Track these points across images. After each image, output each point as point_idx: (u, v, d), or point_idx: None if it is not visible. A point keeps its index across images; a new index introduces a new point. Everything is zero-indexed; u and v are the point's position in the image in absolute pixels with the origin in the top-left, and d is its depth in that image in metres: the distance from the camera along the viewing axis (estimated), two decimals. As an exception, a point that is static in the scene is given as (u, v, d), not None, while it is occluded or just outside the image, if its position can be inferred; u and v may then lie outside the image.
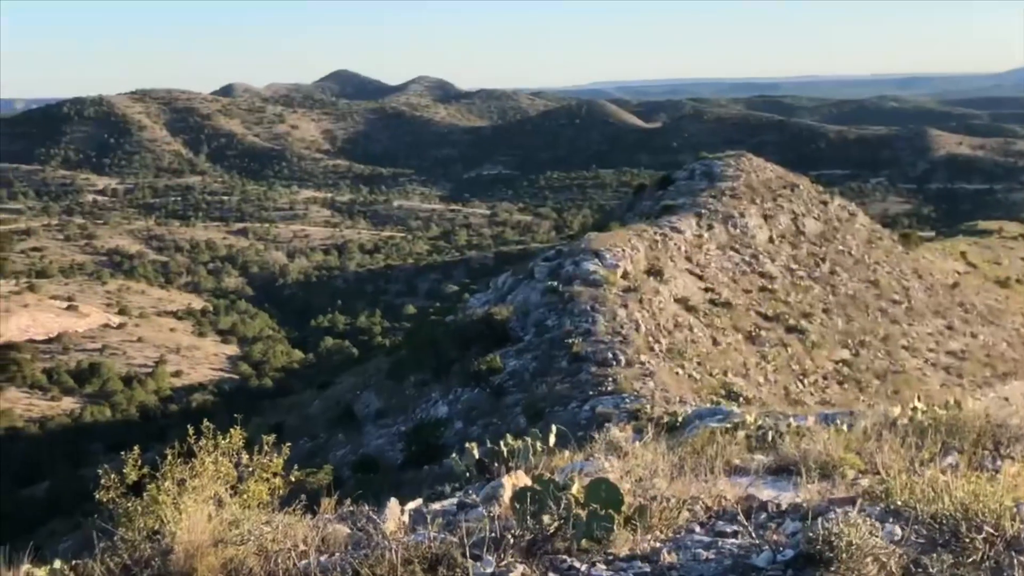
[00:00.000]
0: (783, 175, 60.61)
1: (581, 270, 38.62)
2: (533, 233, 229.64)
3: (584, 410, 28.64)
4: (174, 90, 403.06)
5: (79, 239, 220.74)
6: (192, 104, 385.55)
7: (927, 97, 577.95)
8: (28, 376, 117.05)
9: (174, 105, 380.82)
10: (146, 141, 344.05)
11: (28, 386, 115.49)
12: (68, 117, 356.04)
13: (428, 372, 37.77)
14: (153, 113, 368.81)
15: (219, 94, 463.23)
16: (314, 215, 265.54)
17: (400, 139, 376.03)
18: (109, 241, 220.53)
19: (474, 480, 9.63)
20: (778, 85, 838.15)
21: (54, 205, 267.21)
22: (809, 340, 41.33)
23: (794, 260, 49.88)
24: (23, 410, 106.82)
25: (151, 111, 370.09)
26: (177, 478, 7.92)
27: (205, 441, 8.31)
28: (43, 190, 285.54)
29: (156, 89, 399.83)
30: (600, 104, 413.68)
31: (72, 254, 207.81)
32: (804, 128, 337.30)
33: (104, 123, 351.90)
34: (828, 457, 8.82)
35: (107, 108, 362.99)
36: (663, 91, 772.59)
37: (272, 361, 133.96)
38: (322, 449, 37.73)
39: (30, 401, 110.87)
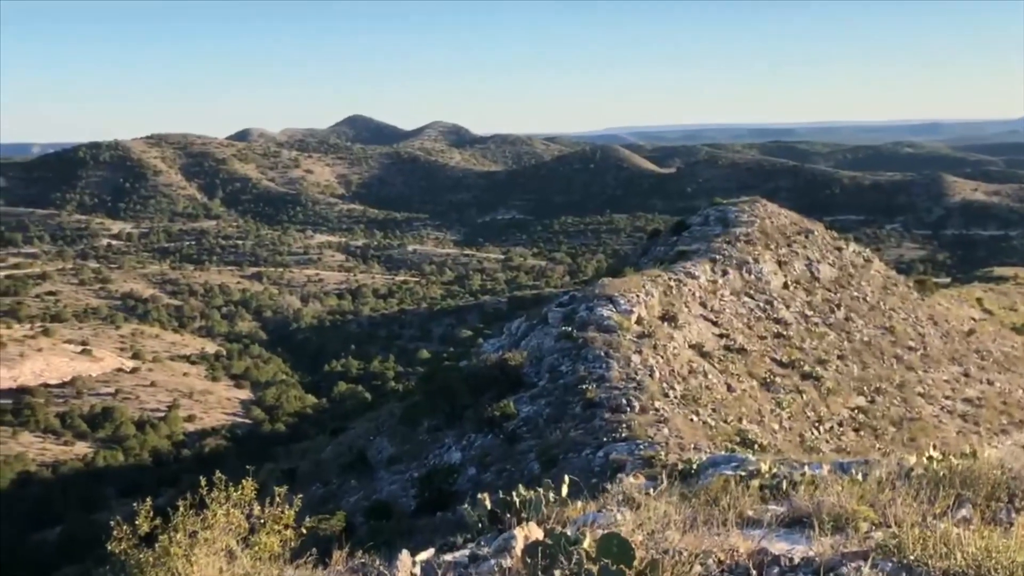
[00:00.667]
0: (797, 221, 60.58)
1: (595, 315, 38.60)
2: (547, 278, 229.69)
3: (598, 456, 28.51)
4: (190, 135, 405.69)
5: (93, 283, 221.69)
6: (207, 149, 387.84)
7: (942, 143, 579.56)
8: (41, 420, 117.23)
9: (189, 150, 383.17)
10: (161, 186, 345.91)
11: (41, 430, 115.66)
12: (84, 162, 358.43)
13: (441, 418, 37.70)
14: (169, 158, 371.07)
15: (234, 139, 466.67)
16: (328, 259, 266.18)
17: (414, 184, 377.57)
18: (123, 285, 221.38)
19: (486, 531, 9.61)
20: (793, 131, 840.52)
21: (69, 249, 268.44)
22: (824, 387, 41.15)
23: (809, 306, 49.76)
24: (36, 454, 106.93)
25: (167, 156, 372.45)
26: (189, 529, 7.93)
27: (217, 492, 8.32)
28: (58, 234, 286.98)
29: (172, 134, 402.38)
30: (614, 149, 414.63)
31: (86, 298, 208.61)
32: (819, 174, 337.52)
33: (120, 168, 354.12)
34: (842, 509, 8.79)
35: (123, 153, 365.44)
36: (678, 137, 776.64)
37: (285, 406, 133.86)
38: (335, 495, 37.59)
39: (43, 445, 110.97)
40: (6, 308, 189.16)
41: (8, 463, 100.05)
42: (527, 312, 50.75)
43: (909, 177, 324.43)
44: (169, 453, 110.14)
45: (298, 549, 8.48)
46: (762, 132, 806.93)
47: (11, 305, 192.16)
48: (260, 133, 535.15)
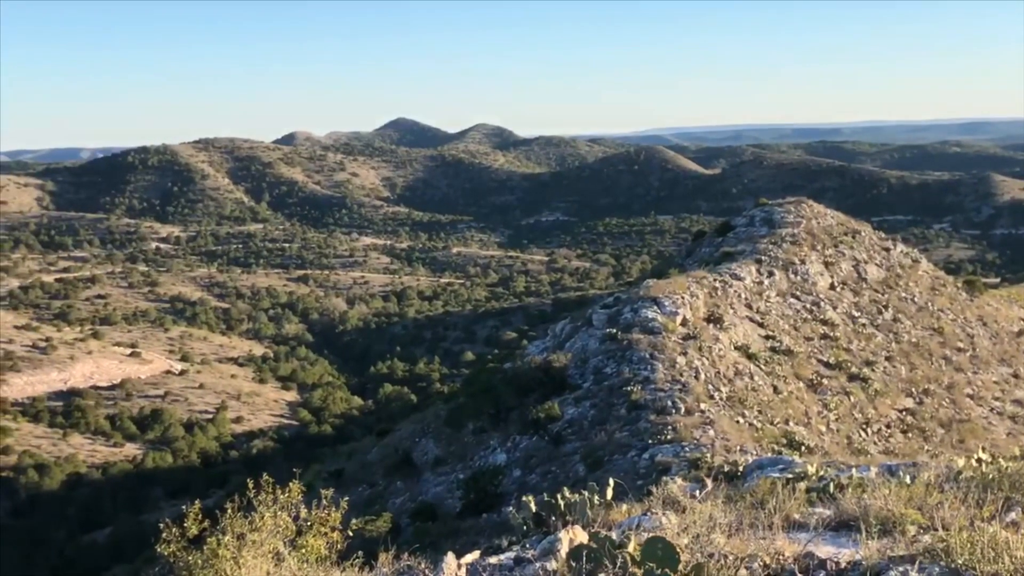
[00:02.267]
0: (844, 221, 60.06)
1: (640, 317, 38.46)
2: (591, 280, 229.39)
3: (643, 459, 28.42)
4: (237, 139, 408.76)
5: (142, 286, 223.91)
6: (254, 152, 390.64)
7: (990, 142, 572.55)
8: (91, 422, 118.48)
9: (237, 154, 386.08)
10: (209, 189, 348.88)
11: (91, 432, 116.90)
12: (133, 166, 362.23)
13: (486, 419, 37.70)
14: (216, 162, 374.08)
15: (281, 142, 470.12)
16: (373, 262, 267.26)
17: (459, 186, 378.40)
18: (172, 288, 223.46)
19: (531, 533, 9.61)
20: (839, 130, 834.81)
21: (118, 253, 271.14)
22: (872, 388, 40.76)
23: (856, 307, 49.33)
24: (86, 456, 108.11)
25: (214, 160, 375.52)
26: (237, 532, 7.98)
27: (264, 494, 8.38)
28: (108, 238, 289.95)
29: (219, 138, 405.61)
30: (658, 150, 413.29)
31: (135, 301, 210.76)
32: (865, 174, 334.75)
33: (168, 172, 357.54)
34: (889, 512, 8.71)
35: (171, 157, 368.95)
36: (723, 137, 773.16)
37: (331, 407, 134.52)
38: (380, 496, 37.70)
39: (93, 447, 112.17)
40: (57, 311, 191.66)
41: (59, 464, 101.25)
42: (571, 314, 50.66)
43: (957, 176, 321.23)
44: (217, 454, 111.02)
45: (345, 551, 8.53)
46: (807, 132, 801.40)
47: (62, 308, 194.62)
48: (306, 136, 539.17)
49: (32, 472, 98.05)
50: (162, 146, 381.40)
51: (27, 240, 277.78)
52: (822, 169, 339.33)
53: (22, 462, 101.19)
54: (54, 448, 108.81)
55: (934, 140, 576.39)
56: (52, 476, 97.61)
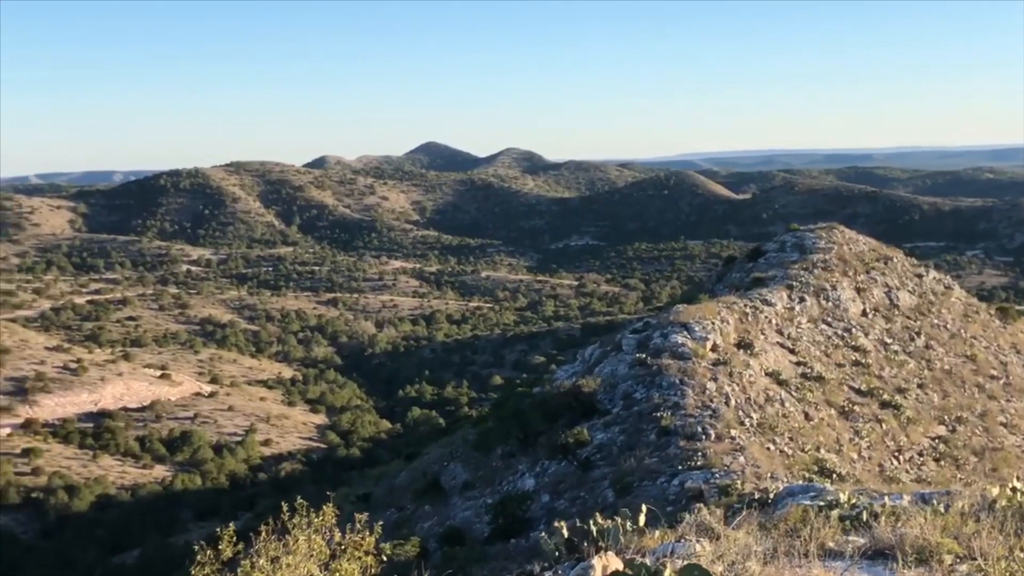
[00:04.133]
0: (876, 247, 59.78)
1: (669, 342, 38.32)
2: (620, 304, 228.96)
3: (673, 485, 28.27)
4: (268, 162, 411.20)
5: (173, 309, 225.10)
6: (285, 176, 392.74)
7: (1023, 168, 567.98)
8: (121, 444, 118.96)
9: (267, 177, 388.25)
10: (240, 212, 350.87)
11: (121, 453, 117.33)
12: (164, 189, 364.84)
13: (515, 444, 37.60)
14: (247, 185, 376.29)
15: (311, 166, 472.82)
16: (403, 285, 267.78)
17: (488, 210, 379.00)
18: (202, 310, 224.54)
19: (563, 559, 9.55)
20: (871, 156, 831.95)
21: (149, 275, 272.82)
22: (904, 416, 40.43)
23: (888, 334, 49.01)
24: (116, 477, 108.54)
25: (245, 183, 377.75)
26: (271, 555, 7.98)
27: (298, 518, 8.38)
28: (139, 260, 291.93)
29: (250, 161, 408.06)
30: (688, 175, 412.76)
31: (166, 323, 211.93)
32: (897, 200, 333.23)
33: (199, 195, 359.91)
34: (925, 541, 8.63)
35: (202, 180, 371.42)
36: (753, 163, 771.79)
37: (360, 431, 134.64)
38: (408, 521, 37.65)
39: (123, 468, 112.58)
40: (88, 333, 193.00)
41: (88, 486, 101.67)
42: (600, 338, 50.56)
43: (990, 203, 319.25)
44: (246, 477, 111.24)
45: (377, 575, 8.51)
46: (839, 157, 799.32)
47: (93, 330, 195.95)
48: (336, 160, 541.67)
49: (62, 493, 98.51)
50: (194, 169, 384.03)
51: (59, 262, 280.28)
52: (853, 195, 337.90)
53: (52, 483, 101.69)
54: (84, 469, 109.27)
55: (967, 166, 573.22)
56: (82, 497, 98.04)
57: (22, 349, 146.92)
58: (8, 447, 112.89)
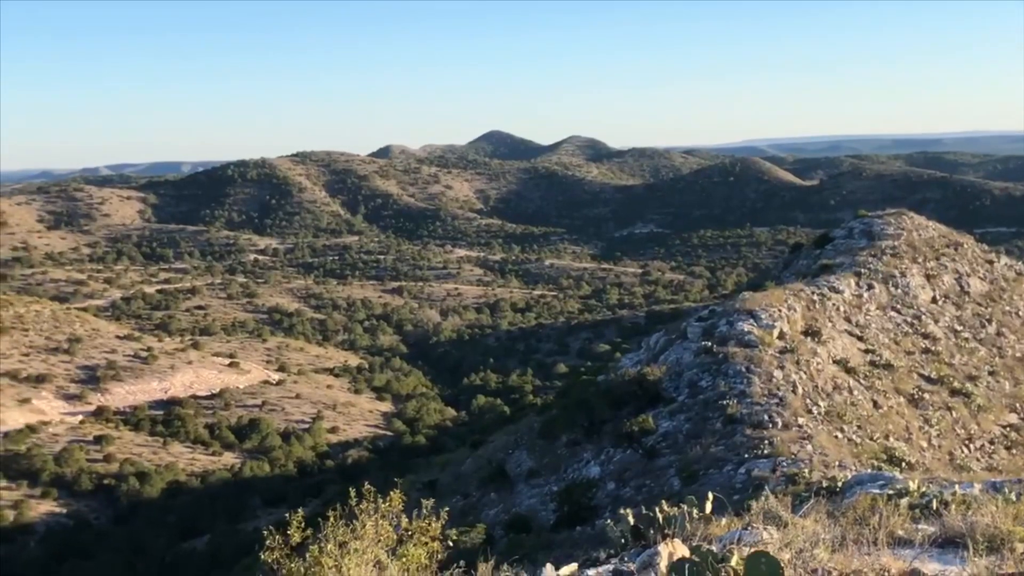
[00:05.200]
0: (946, 233, 58.99)
1: (736, 330, 38.12)
2: (685, 292, 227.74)
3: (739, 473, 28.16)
4: (333, 152, 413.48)
5: (241, 297, 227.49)
6: (350, 166, 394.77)
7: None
8: (191, 431, 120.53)
9: (333, 167, 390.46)
10: (306, 202, 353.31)
11: (191, 441, 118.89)
12: (232, 179, 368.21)
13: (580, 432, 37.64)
14: (313, 175, 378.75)
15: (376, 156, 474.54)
16: (467, 274, 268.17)
17: (552, 198, 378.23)
18: (269, 299, 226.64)
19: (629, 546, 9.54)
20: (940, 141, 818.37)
21: (217, 265, 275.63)
22: (975, 403, 39.91)
23: (958, 321, 48.36)
24: (186, 464, 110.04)
25: (311, 173, 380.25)
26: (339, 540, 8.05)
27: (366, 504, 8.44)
28: (207, 250, 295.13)
29: (316, 151, 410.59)
30: (754, 161, 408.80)
31: (234, 312, 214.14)
32: (967, 185, 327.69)
33: (266, 185, 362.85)
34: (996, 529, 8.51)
35: (269, 170, 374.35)
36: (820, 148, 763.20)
37: (425, 418, 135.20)
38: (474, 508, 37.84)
39: (192, 456, 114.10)
40: (158, 321, 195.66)
41: (159, 472, 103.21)
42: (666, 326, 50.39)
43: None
44: (313, 464, 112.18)
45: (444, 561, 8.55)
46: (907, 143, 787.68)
47: (162, 319, 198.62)
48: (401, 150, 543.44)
49: (133, 480, 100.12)
50: (260, 160, 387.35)
51: (129, 252, 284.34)
52: (923, 180, 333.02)
53: (123, 470, 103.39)
54: (154, 456, 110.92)
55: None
56: (152, 484, 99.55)
57: (94, 338, 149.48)
58: (81, 434, 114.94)
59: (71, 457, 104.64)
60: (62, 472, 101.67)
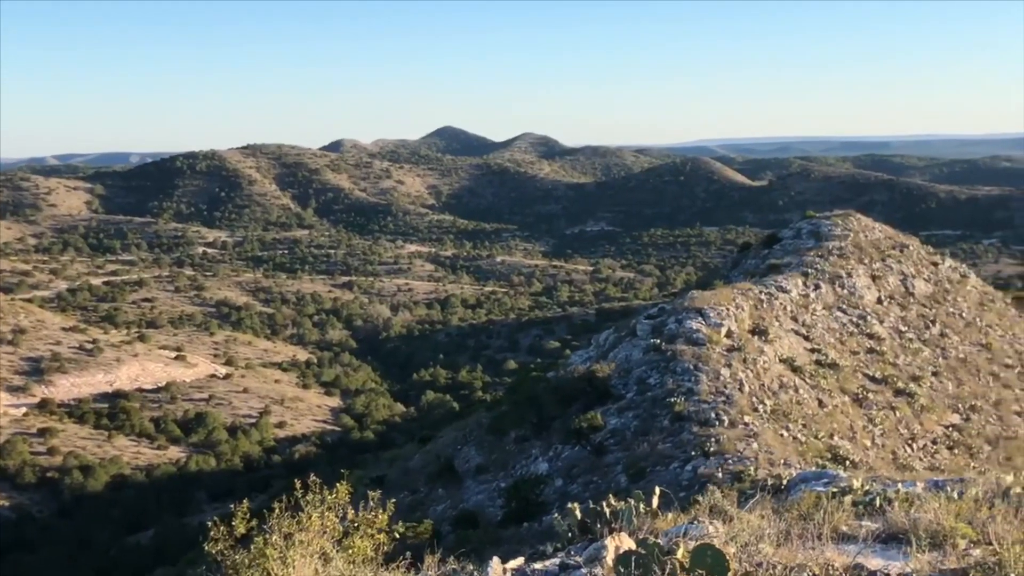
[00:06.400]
0: (892, 235, 59.57)
1: (684, 328, 38.29)
2: (635, 290, 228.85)
3: (686, 470, 28.32)
4: (284, 145, 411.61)
5: (188, 290, 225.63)
6: (301, 159, 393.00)
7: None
8: (136, 424, 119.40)
9: (284, 160, 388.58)
10: (256, 195, 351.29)
11: (136, 434, 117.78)
12: (181, 171, 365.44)
13: (529, 428, 37.66)
14: (263, 168, 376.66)
15: (327, 149, 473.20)
16: (418, 269, 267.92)
17: (504, 195, 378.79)
18: (218, 293, 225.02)
19: (576, 540, 9.58)
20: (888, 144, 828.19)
21: (165, 257, 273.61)
22: (918, 403, 40.34)
23: (903, 322, 48.86)
24: (131, 458, 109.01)
25: (261, 166, 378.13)
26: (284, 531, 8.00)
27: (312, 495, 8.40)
28: (155, 242, 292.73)
29: (267, 144, 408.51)
30: (705, 161, 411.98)
31: (182, 305, 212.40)
32: (914, 188, 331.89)
33: (216, 177, 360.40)
34: (939, 526, 8.61)
35: (219, 162, 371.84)
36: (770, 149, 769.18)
37: (374, 414, 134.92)
38: (422, 503, 37.76)
39: (138, 449, 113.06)
40: (104, 314, 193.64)
41: (103, 466, 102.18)
42: (615, 324, 50.56)
43: (1007, 191, 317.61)
44: (260, 459, 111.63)
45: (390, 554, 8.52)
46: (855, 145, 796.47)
47: (109, 311, 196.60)
48: (353, 144, 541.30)
49: (77, 473, 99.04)
50: (210, 151, 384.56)
51: (76, 243, 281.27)
52: (870, 182, 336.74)
53: (67, 463, 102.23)
54: (99, 450, 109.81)
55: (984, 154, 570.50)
56: (97, 477, 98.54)
57: (39, 329, 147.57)
58: (24, 427, 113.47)
59: (14, 450, 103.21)
60: (5, 465, 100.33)
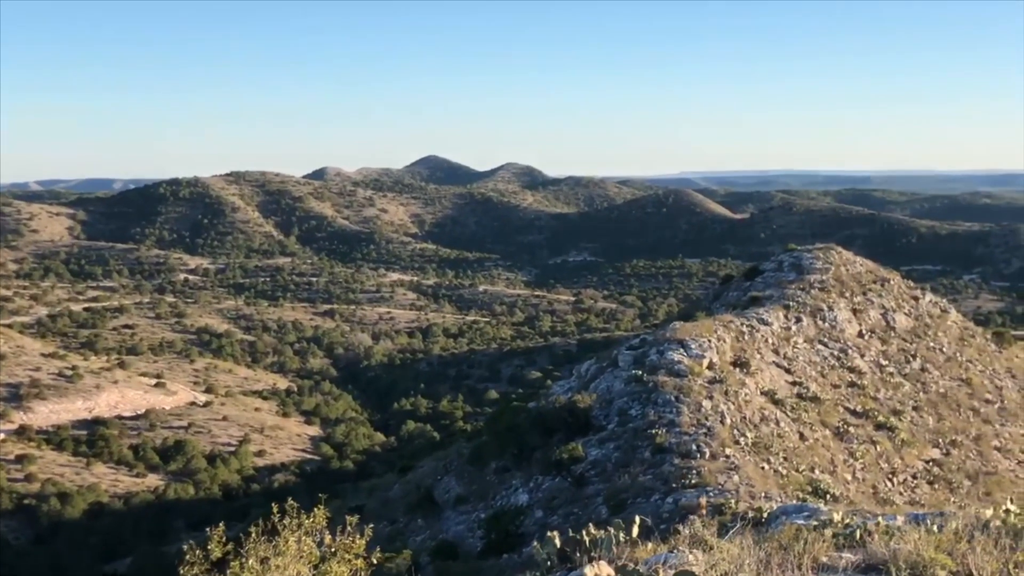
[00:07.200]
0: (873, 269, 59.77)
1: (666, 359, 38.29)
2: (617, 321, 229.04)
3: (667, 503, 28.26)
4: (268, 172, 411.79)
5: (169, 317, 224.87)
6: (285, 187, 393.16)
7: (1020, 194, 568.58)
8: (115, 452, 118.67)
9: (267, 187, 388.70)
10: (239, 222, 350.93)
11: (115, 462, 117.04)
12: (164, 197, 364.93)
13: (509, 459, 37.57)
14: (247, 195, 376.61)
15: (311, 177, 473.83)
16: (400, 298, 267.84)
17: (487, 224, 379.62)
18: (198, 320, 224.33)
19: (555, 569, 9.54)
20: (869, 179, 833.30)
21: (147, 284, 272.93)
22: (899, 438, 40.38)
23: (884, 356, 48.97)
24: (109, 485, 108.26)
25: (245, 193, 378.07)
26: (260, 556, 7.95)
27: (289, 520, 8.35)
28: (136, 268, 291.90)
29: (250, 171, 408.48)
30: (687, 193, 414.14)
31: (162, 332, 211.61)
32: (895, 222, 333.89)
33: (198, 204, 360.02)
34: (919, 557, 8.62)
35: (202, 189, 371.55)
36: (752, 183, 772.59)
37: (354, 443, 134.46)
38: (401, 534, 37.62)
39: (116, 476, 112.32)
40: (84, 340, 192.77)
41: (81, 493, 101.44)
42: (597, 354, 50.55)
43: (987, 228, 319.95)
44: (239, 487, 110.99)
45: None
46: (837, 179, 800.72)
47: (89, 337, 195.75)
48: (336, 172, 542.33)
49: (55, 500, 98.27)
50: (193, 178, 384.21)
51: (57, 269, 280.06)
52: (852, 217, 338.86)
53: (45, 490, 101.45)
54: (77, 477, 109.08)
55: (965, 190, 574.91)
56: (74, 505, 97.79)
57: (18, 355, 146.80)
58: (2, 453, 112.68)
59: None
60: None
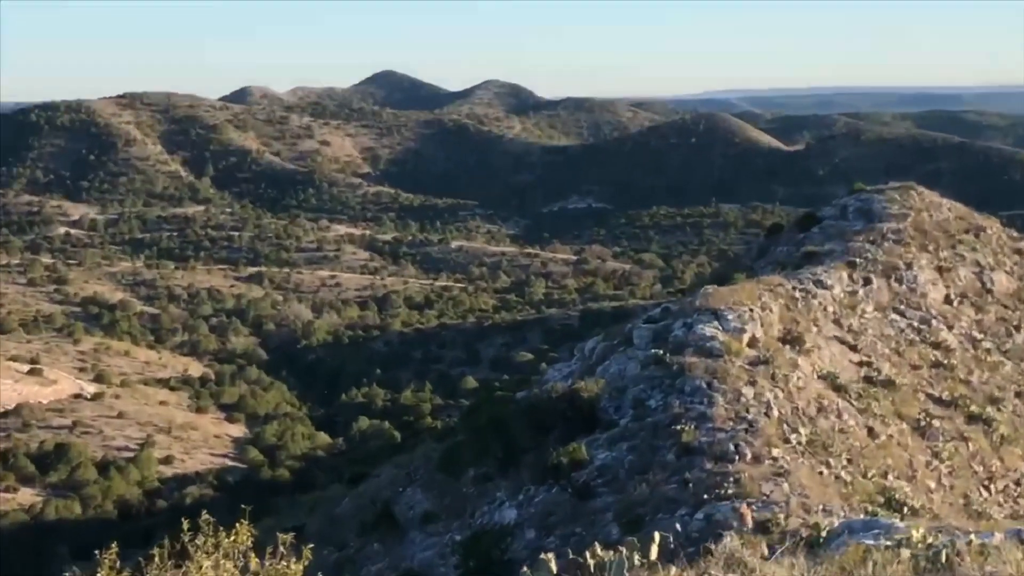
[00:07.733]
0: (965, 215, 59.90)
1: (695, 335, 38.36)
2: (632, 286, 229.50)
3: (696, 519, 28.40)
4: (174, 95, 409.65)
5: (46, 284, 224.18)
6: (195, 112, 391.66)
7: None
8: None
9: (172, 114, 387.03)
10: (135, 159, 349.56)
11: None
12: (37, 127, 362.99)
13: (492, 464, 37.71)
14: (145, 123, 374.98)
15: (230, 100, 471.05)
16: (348, 258, 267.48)
17: (462, 161, 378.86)
18: (85, 287, 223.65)
19: (551, 602, 9.60)
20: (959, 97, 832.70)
21: (15, 240, 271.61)
22: (997, 433, 40.61)
23: (978, 327, 49.15)
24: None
25: (143, 121, 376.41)
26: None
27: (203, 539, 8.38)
28: (2, 220, 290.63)
29: (150, 93, 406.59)
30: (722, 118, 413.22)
31: (37, 303, 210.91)
32: (993, 153, 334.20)
33: (82, 135, 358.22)
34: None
35: (87, 116, 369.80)
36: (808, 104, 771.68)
37: (290, 446, 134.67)
38: (352, 561, 37.84)
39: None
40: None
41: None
42: (605, 330, 50.73)
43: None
44: (140, 504, 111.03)
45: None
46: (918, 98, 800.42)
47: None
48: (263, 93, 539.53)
49: None
50: (75, 102, 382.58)
51: None
52: (937, 146, 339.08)
53: None
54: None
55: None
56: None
57: None
58: None
59: None
60: None
